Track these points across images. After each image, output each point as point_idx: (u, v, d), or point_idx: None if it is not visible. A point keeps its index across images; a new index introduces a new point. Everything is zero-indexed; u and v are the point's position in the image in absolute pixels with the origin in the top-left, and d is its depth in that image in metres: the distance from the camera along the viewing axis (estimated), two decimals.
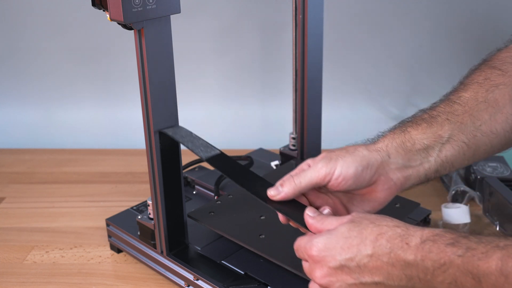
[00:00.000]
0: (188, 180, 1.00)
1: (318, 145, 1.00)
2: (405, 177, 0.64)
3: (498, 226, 0.93)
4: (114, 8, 0.62)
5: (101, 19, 0.77)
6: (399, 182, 0.64)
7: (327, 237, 0.57)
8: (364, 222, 0.56)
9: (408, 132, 0.66)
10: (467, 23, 1.23)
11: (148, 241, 0.82)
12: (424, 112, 0.69)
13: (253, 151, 1.10)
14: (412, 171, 0.65)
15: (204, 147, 0.71)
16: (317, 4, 0.89)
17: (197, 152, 0.70)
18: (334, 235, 0.56)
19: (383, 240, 0.54)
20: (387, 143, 0.65)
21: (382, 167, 0.63)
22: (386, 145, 0.65)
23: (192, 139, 0.72)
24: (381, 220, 0.57)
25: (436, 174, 0.66)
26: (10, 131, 1.35)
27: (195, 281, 0.76)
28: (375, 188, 0.64)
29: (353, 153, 0.63)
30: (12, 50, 1.30)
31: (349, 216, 0.58)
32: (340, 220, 0.58)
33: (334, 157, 0.63)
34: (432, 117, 0.67)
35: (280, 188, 0.64)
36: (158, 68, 0.69)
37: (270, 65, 1.29)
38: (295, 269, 0.69)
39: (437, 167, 0.65)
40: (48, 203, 1.06)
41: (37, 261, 0.89)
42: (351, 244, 0.55)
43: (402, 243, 0.53)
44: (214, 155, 0.71)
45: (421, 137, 0.65)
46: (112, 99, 1.33)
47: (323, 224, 0.59)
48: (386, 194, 0.65)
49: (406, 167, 0.64)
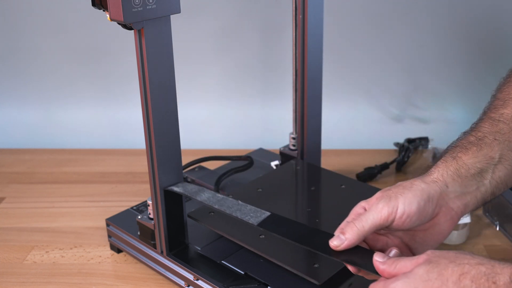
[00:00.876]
0: (188, 180, 1.00)
1: (318, 145, 1.00)
2: (464, 204, 0.63)
3: (498, 226, 0.93)
4: (114, 8, 0.62)
5: (101, 19, 0.77)
6: (459, 210, 0.63)
7: (405, 281, 0.53)
8: (442, 261, 0.52)
9: (460, 158, 0.64)
10: (468, 23, 1.23)
11: (148, 241, 0.82)
12: (469, 135, 0.67)
13: (253, 151, 1.10)
14: (470, 197, 0.63)
15: (254, 212, 0.70)
16: (317, 4, 0.89)
17: (248, 219, 0.69)
18: (412, 279, 0.52)
19: (467, 281, 0.50)
20: (442, 172, 0.63)
21: (442, 198, 0.62)
22: (441, 175, 0.63)
23: (240, 207, 0.72)
24: (461, 258, 0.52)
25: (492, 196, 0.65)
26: (10, 131, 1.35)
27: (195, 281, 0.76)
28: (437, 221, 0.62)
29: (411, 188, 0.61)
30: (12, 50, 1.30)
31: (424, 256, 0.54)
32: (414, 260, 0.54)
33: (393, 195, 0.60)
34: (479, 139, 0.65)
35: (342, 236, 0.60)
36: (158, 68, 0.69)
37: (270, 65, 1.29)
38: (295, 269, 0.69)
39: (493, 189, 0.64)
40: (48, 203, 1.06)
41: (37, 261, 0.89)
42: (432, 287, 0.51)
43: (488, 282, 0.50)
44: (265, 218, 0.70)
45: (474, 161, 0.64)
46: (112, 99, 1.33)
47: (396, 268, 0.55)
48: (449, 225, 0.63)
49: (464, 194, 0.63)
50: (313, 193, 0.90)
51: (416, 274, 0.52)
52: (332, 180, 0.92)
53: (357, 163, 1.15)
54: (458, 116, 1.30)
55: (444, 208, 0.62)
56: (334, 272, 0.68)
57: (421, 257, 0.54)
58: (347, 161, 1.18)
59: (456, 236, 0.89)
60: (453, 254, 0.53)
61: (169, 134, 0.73)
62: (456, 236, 0.89)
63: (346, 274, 0.73)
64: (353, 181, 0.92)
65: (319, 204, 0.87)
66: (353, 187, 0.89)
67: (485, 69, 1.26)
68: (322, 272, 0.68)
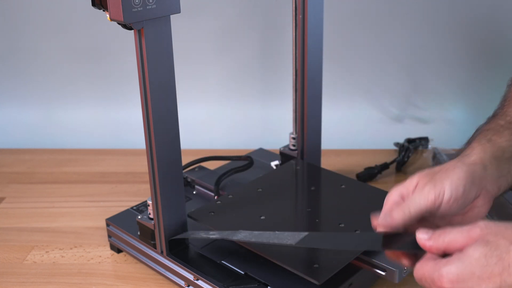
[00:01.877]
0: (188, 180, 1.00)
1: (318, 145, 1.00)
2: (498, 187, 0.62)
3: None
4: (114, 8, 0.62)
5: (101, 19, 0.77)
6: (494, 193, 0.62)
7: (458, 265, 0.49)
8: (502, 243, 0.49)
9: (495, 141, 0.64)
10: (468, 22, 1.23)
11: (148, 241, 0.82)
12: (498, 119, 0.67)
13: (253, 151, 1.10)
14: (503, 180, 0.62)
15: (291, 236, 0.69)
16: (317, 4, 0.89)
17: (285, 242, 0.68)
18: (467, 263, 0.48)
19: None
20: (480, 155, 0.62)
21: (482, 181, 0.60)
22: (480, 158, 0.62)
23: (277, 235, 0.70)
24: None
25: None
26: (10, 131, 1.35)
27: (195, 281, 0.76)
28: (476, 204, 0.60)
29: (455, 171, 0.59)
30: (12, 50, 1.30)
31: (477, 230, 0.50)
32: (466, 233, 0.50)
33: (438, 179, 0.58)
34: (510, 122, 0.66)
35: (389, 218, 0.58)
36: (158, 68, 0.69)
37: (270, 65, 1.29)
38: (295, 269, 0.69)
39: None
40: (48, 203, 1.06)
41: (37, 261, 0.89)
42: (491, 274, 0.47)
43: None
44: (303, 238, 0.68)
45: (508, 144, 0.63)
46: (112, 99, 1.33)
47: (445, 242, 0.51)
48: (486, 208, 0.61)
49: (499, 177, 0.62)
50: (313, 193, 0.90)
51: (472, 257, 0.48)
52: (332, 180, 0.92)
53: (357, 163, 1.15)
54: (458, 116, 1.30)
55: (484, 191, 0.61)
56: (334, 272, 0.68)
57: (473, 231, 0.50)
58: (347, 161, 1.18)
59: None
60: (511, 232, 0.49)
61: (169, 134, 0.73)
62: None
63: (346, 274, 0.73)
64: (353, 181, 0.92)
65: (319, 204, 0.87)
66: (353, 187, 0.89)
67: (485, 69, 1.26)
68: (322, 272, 0.68)
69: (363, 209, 0.82)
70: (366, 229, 0.76)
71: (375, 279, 0.79)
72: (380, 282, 0.79)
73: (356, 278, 0.74)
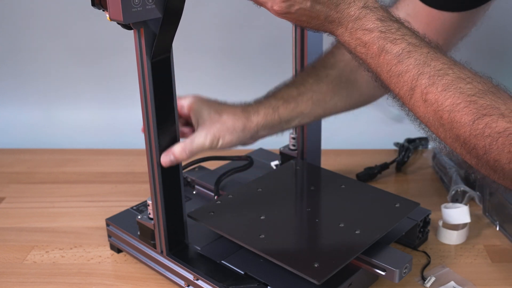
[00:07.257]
0: (188, 180, 1.00)
1: (318, 145, 1.00)
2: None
3: (498, 226, 0.93)
4: (113, 8, 0.62)
5: (101, 19, 0.77)
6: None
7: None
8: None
9: (278, 111, 0.79)
10: None
11: (148, 241, 0.82)
12: (293, 87, 0.81)
13: (253, 151, 1.10)
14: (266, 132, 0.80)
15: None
16: None
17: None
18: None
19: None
20: (261, 120, 0.78)
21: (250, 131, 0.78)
22: (257, 123, 0.77)
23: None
24: None
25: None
26: (10, 131, 1.35)
27: (195, 281, 0.76)
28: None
29: (233, 132, 0.75)
30: (12, 50, 1.31)
31: None
32: None
33: (217, 133, 0.75)
34: (300, 94, 0.80)
35: (172, 156, 0.73)
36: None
37: (270, 65, 1.29)
38: (295, 269, 0.69)
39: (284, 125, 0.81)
40: (48, 203, 1.06)
41: (37, 261, 0.89)
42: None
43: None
44: None
45: (287, 115, 0.79)
46: (112, 99, 1.33)
47: None
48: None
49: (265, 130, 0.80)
50: (313, 193, 0.90)
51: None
52: (332, 180, 0.92)
53: (357, 163, 1.15)
54: None
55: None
56: (333, 272, 0.68)
57: None
58: (347, 161, 1.18)
59: (456, 236, 0.89)
60: None
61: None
62: (456, 236, 0.89)
63: (346, 274, 0.73)
64: (353, 181, 0.92)
65: (319, 204, 0.87)
66: (353, 187, 0.89)
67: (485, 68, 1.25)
68: (322, 272, 0.68)
69: (363, 209, 0.82)
70: (366, 229, 0.76)
71: (375, 279, 0.79)
72: (380, 282, 0.79)
73: (356, 278, 0.74)
